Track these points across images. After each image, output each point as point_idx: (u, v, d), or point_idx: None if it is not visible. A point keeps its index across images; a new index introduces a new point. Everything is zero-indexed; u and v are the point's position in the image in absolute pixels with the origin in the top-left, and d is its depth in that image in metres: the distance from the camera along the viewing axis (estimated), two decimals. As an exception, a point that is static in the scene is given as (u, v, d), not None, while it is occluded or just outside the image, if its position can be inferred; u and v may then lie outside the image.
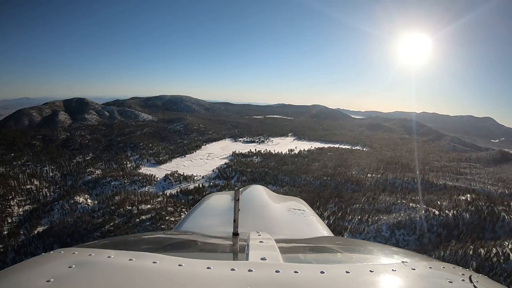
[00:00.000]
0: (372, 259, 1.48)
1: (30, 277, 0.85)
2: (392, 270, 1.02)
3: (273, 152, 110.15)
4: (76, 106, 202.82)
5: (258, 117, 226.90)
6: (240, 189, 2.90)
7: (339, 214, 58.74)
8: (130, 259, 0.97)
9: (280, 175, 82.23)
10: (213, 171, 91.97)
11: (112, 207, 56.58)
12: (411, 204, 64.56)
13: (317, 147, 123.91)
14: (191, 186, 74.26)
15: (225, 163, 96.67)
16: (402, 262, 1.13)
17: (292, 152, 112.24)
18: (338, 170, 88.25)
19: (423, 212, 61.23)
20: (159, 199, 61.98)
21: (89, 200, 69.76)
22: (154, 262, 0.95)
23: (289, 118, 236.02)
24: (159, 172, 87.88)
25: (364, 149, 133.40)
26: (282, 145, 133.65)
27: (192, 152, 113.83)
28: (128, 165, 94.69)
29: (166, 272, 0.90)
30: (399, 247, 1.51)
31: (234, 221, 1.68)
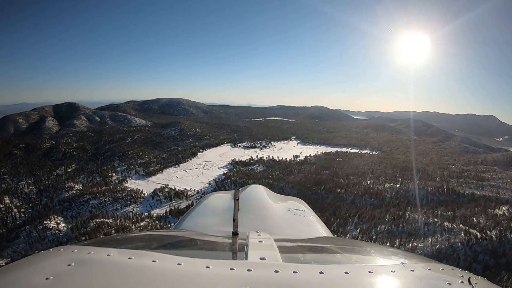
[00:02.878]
0: (371, 260, 1.49)
1: (29, 275, 0.85)
2: (391, 271, 1.03)
3: (277, 159, 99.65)
4: (66, 111, 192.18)
5: (258, 119, 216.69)
6: (240, 189, 2.77)
7: (363, 240, 48.10)
8: (130, 258, 0.97)
9: (287, 187, 71.63)
10: (209, 183, 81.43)
11: (83, 238, 45.68)
12: (445, 223, 54.25)
13: (323, 152, 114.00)
14: (183, 204, 63.38)
15: (223, 174, 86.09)
16: (401, 263, 1.14)
17: (298, 159, 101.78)
18: (352, 180, 77.79)
19: (462, 234, 51.01)
20: (143, 223, 51.49)
21: (62, 224, 58.98)
22: (153, 261, 0.95)
23: (290, 120, 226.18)
24: (147, 186, 77.11)
25: (374, 153, 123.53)
26: (286, 150, 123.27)
27: (187, 161, 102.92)
28: (114, 178, 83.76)
29: (165, 271, 0.89)
30: (398, 248, 1.74)
31: (234, 220, 1.69)
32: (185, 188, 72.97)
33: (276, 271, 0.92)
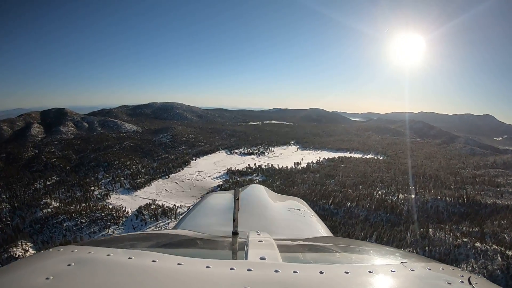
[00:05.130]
0: (371, 259, 1.50)
1: (29, 275, 0.85)
2: (391, 271, 1.03)
3: (277, 167, 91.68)
4: (54, 118, 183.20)
5: (255, 123, 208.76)
6: (240, 188, 2.82)
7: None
8: (130, 257, 0.97)
9: (290, 201, 63.50)
10: (202, 198, 72.51)
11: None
12: (477, 244, 46.66)
13: (326, 158, 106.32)
14: (171, 225, 54.97)
15: (218, 185, 77.77)
16: (401, 263, 1.14)
17: (299, 166, 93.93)
18: (361, 190, 70.20)
19: (499, 258, 43.42)
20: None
21: (31, 251, 50.48)
22: (153, 261, 0.95)
23: (288, 123, 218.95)
24: (132, 201, 68.46)
25: (379, 157, 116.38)
26: (286, 156, 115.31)
27: (179, 171, 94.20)
28: (96, 193, 74.91)
29: (166, 270, 0.90)
30: (398, 248, 1.77)
31: (234, 220, 1.69)
32: (175, 205, 64.11)
33: (276, 271, 0.93)
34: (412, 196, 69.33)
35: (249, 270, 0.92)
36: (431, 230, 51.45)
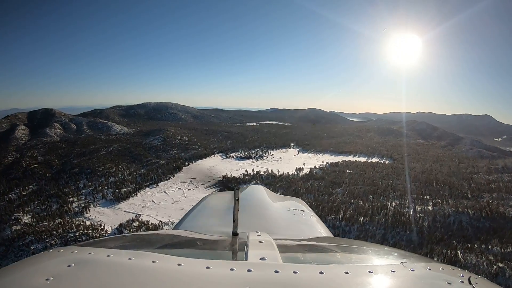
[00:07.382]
0: (371, 259, 1.50)
1: (29, 276, 0.85)
2: (391, 271, 1.03)
3: (277, 174, 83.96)
4: (41, 119, 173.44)
5: (252, 124, 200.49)
6: (240, 189, 2.66)
7: None
8: (130, 258, 0.97)
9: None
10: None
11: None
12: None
13: (329, 162, 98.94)
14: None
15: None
16: (401, 263, 1.14)
17: (302, 172, 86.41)
18: (373, 201, 62.91)
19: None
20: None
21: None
22: (153, 262, 0.95)
23: (286, 124, 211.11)
24: (114, 216, 60.24)
25: (385, 161, 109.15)
26: (286, 160, 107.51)
27: (169, 178, 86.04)
28: (74, 205, 66.53)
29: (166, 271, 0.90)
30: (398, 248, 1.72)
31: (234, 221, 1.70)
32: (161, 221, 56.00)
33: (276, 271, 0.93)
34: (430, 208, 62.21)
35: (249, 270, 0.92)
36: (459, 252, 44.24)
